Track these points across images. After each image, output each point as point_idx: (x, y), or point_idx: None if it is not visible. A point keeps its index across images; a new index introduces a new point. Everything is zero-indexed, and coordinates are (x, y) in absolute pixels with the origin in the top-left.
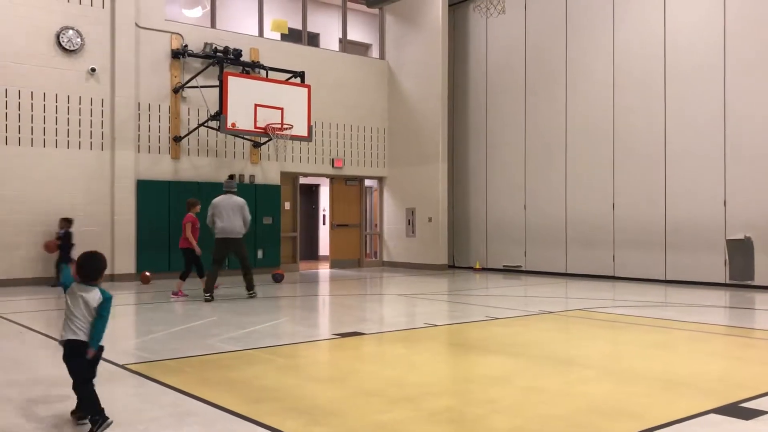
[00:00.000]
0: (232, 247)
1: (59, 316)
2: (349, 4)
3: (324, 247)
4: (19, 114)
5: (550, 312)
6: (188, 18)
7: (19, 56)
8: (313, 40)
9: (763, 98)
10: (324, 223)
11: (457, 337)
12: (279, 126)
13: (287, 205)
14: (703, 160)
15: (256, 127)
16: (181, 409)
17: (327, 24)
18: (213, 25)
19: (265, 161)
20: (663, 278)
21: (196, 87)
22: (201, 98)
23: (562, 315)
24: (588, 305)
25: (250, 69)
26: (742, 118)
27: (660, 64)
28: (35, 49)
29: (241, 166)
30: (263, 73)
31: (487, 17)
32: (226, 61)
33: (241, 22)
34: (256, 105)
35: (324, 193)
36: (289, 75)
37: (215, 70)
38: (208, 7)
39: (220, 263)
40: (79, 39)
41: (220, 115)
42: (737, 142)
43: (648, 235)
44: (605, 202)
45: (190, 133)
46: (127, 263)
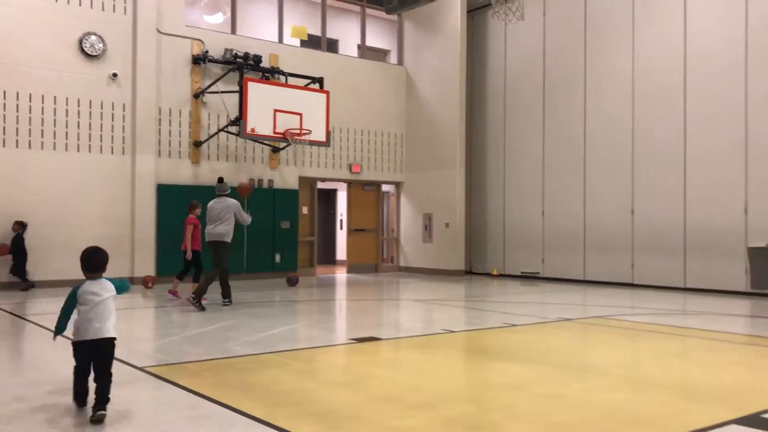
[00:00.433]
0: (213, 249)
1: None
2: (368, 11)
3: (341, 251)
4: (42, 118)
5: (567, 319)
6: (209, 24)
7: (43, 61)
8: (332, 46)
9: None
10: (341, 228)
11: (474, 343)
12: (298, 131)
13: (305, 210)
14: (724, 166)
15: (275, 132)
16: (198, 412)
17: (346, 30)
18: (233, 31)
19: (283, 166)
20: (682, 286)
21: (217, 92)
22: (221, 103)
23: (579, 322)
24: (606, 312)
25: (270, 75)
26: (764, 122)
27: (680, 68)
28: (58, 54)
29: (260, 171)
30: (282, 78)
31: (505, 23)
32: (246, 66)
33: (261, 28)
34: (275, 110)
35: (341, 198)
36: (308, 81)
37: (235, 75)
38: (229, 14)
39: (216, 267)
40: (101, 44)
41: (239, 120)
42: (759, 148)
43: (667, 242)
44: (624, 209)
45: (210, 138)
46: (147, 266)
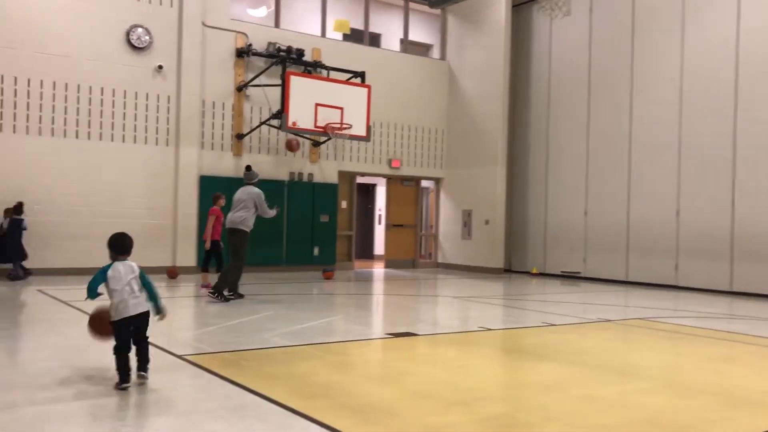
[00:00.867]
0: (230, 239)
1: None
2: (411, 5)
3: (379, 246)
4: (89, 109)
5: (608, 320)
6: (253, 17)
7: (90, 53)
8: (374, 40)
9: None
10: (379, 223)
11: (512, 342)
12: (338, 125)
13: (344, 204)
14: None
15: (316, 126)
16: (236, 402)
17: (388, 24)
18: (277, 24)
19: (323, 160)
20: (729, 289)
21: (259, 86)
22: (263, 97)
23: (620, 324)
24: (648, 314)
25: (312, 68)
26: None
27: (731, 67)
28: (105, 46)
29: (300, 165)
30: (324, 72)
31: (551, 18)
32: (288, 60)
33: (305, 22)
34: (316, 104)
35: (380, 193)
36: (350, 75)
37: (278, 69)
38: (273, 7)
39: (233, 259)
40: (147, 37)
41: (281, 113)
42: None
43: (714, 244)
44: (669, 209)
45: (252, 131)
46: (189, 257)
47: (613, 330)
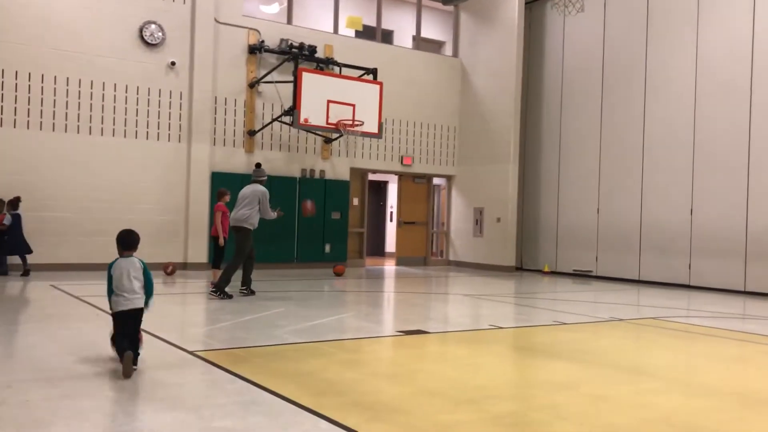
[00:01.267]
0: (235, 235)
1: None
2: (424, 2)
3: (390, 243)
4: (102, 105)
5: (620, 319)
6: (265, 14)
7: (103, 49)
8: (387, 37)
9: None
10: (391, 220)
11: (523, 340)
12: (350, 122)
13: (355, 201)
14: None
15: (327, 122)
16: (246, 398)
17: (401, 21)
18: (289, 21)
19: (335, 157)
20: (742, 289)
21: (271, 82)
22: (275, 93)
23: (632, 323)
24: (661, 314)
25: (324, 65)
26: None
27: (747, 67)
28: (119, 42)
29: (312, 161)
30: (336, 69)
31: (564, 15)
32: (300, 57)
33: (317, 18)
34: (328, 101)
35: (392, 190)
36: (362, 72)
37: (290, 65)
38: (285, 4)
39: (236, 255)
40: (160, 33)
41: (293, 110)
42: None
43: (728, 244)
44: (683, 209)
45: (264, 127)
46: (200, 253)
47: (626, 329)
